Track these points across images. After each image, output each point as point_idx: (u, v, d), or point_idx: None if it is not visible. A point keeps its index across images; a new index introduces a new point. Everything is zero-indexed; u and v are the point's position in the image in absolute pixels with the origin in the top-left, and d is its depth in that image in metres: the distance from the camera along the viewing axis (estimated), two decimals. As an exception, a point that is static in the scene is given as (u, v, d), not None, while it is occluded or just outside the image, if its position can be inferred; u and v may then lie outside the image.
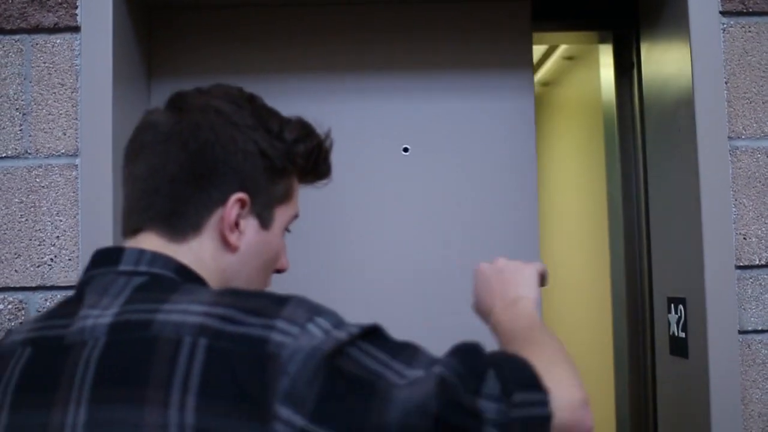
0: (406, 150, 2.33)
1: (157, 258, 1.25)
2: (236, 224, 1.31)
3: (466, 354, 1.18)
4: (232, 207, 1.29)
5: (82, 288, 1.25)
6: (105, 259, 1.27)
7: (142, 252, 1.25)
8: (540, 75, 3.86)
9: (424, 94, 2.33)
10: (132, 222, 1.31)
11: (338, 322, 1.14)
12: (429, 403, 1.08)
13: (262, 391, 1.05)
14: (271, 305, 1.13)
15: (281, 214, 1.40)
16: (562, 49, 3.41)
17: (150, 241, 1.28)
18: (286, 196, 1.40)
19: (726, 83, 1.99)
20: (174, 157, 1.28)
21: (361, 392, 1.08)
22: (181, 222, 1.28)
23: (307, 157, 1.41)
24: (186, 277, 1.25)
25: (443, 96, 2.33)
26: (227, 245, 1.31)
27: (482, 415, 1.11)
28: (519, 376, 1.17)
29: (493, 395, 1.12)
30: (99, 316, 1.17)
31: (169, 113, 1.32)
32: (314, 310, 1.14)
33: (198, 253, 1.29)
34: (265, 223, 1.36)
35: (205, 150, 1.28)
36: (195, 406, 1.05)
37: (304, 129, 1.41)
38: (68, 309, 1.22)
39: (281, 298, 1.15)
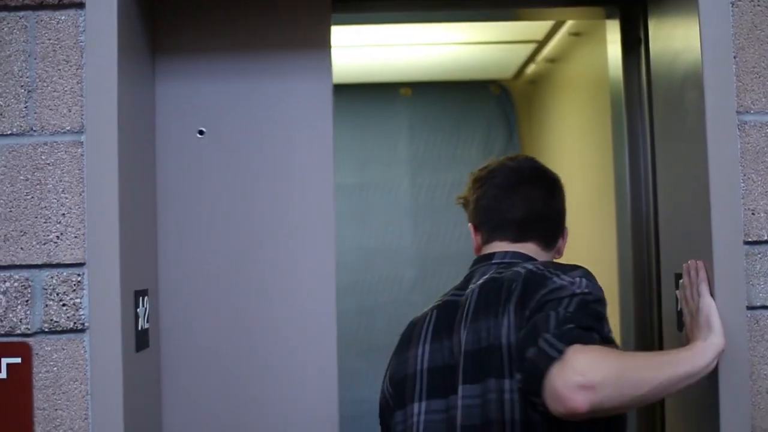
0: (201, 133, 2.30)
1: (513, 254, 2.12)
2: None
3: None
4: (566, 236, 2.29)
5: (471, 272, 2.14)
6: (485, 258, 2.15)
7: (506, 252, 2.13)
8: (546, 51, 3.84)
9: (221, 76, 2.32)
10: (503, 233, 2.17)
11: (588, 284, 1.86)
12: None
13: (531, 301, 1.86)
14: (562, 268, 1.92)
15: None
16: (569, 25, 3.38)
17: (509, 246, 2.15)
18: None
19: (735, 57, 1.97)
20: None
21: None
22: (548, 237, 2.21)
23: None
24: (526, 259, 2.09)
25: (240, 77, 2.32)
26: (557, 251, 2.26)
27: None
28: (570, 337, 1.69)
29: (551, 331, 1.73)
30: (476, 282, 2.05)
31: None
32: (584, 275, 1.89)
33: (532, 249, 2.14)
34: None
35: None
36: (513, 311, 1.89)
37: None
38: (463, 284, 2.12)
39: (571, 267, 1.93)
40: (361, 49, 3.78)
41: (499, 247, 2.15)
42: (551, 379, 1.63)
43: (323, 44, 2.33)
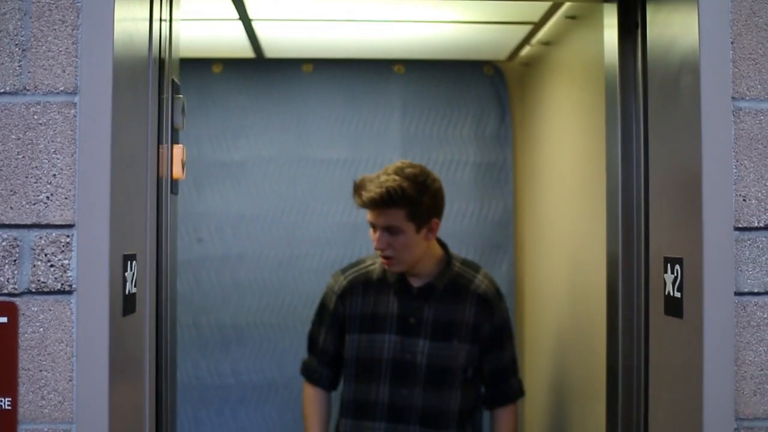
0: None
1: None
2: None
3: None
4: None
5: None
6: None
7: None
8: (541, 34, 3.84)
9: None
10: None
11: None
12: None
13: None
14: None
15: None
16: (565, 7, 3.38)
17: None
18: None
19: (732, 44, 1.97)
20: None
21: None
22: None
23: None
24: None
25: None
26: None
27: None
28: None
29: None
30: None
31: None
32: None
33: None
34: None
35: None
36: None
37: None
38: None
39: None
40: (356, 25, 3.77)
41: None
42: None
43: None
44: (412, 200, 3.15)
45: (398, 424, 3.23)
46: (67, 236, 1.88)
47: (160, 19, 2.25)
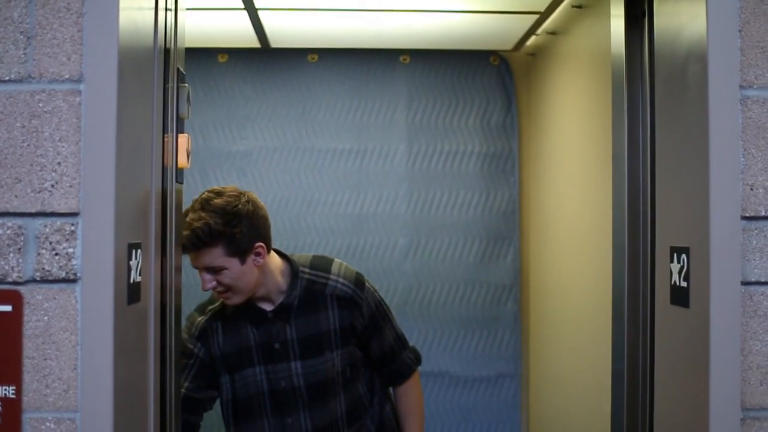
0: None
1: None
2: None
3: None
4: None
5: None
6: None
7: None
8: (547, 23, 3.83)
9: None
10: None
11: None
12: None
13: None
14: None
15: None
16: (572, -4, 3.38)
17: None
18: None
19: (740, 32, 1.96)
20: None
21: None
22: None
23: None
24: None
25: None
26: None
27: None
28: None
29: None
30: None
31: None
32: None
33: None
34: None
35: None
36: None
37: None
38: None
39: None
40: (362, 15, 3.77)
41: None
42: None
43: None
44: (224, 235, 2.92)
45: None
46: (72, 225, 1.88)
47: (166, 8, 2.24)
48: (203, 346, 3.12)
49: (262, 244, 3.00)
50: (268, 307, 3.10)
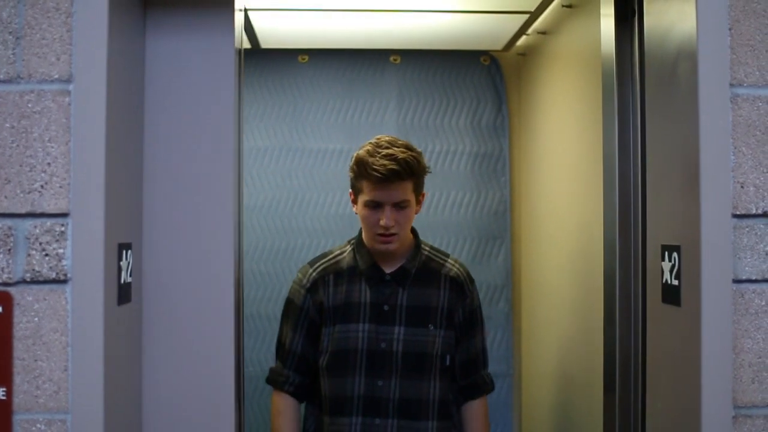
0: None
1: None
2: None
3: None
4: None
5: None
6: None
7: None
8: (537, 23, 3.82)
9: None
10: None
11: None
12: None
13: None
14: None
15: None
16: (562, -4, 3.38)
17: None
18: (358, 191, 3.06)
19: (730, 30, 1.96)
20: None
21: None
22: None
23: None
24: None
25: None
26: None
27: None
28: None
29: None
30: None
31: None
32: None
33: None
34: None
35: None
36: None
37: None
38: None
39: None
40: (352, 15, 3.76)
41: None
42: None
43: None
44: (422, 172, 3.09)
45: (374, 418, 3.14)
46: (62, 225, 1.88)
47: (155, 8, 2.23)
48: (311, 297, 3.23)
49: (425, 193, 3.20)
50: (388, 268, 3.20)
